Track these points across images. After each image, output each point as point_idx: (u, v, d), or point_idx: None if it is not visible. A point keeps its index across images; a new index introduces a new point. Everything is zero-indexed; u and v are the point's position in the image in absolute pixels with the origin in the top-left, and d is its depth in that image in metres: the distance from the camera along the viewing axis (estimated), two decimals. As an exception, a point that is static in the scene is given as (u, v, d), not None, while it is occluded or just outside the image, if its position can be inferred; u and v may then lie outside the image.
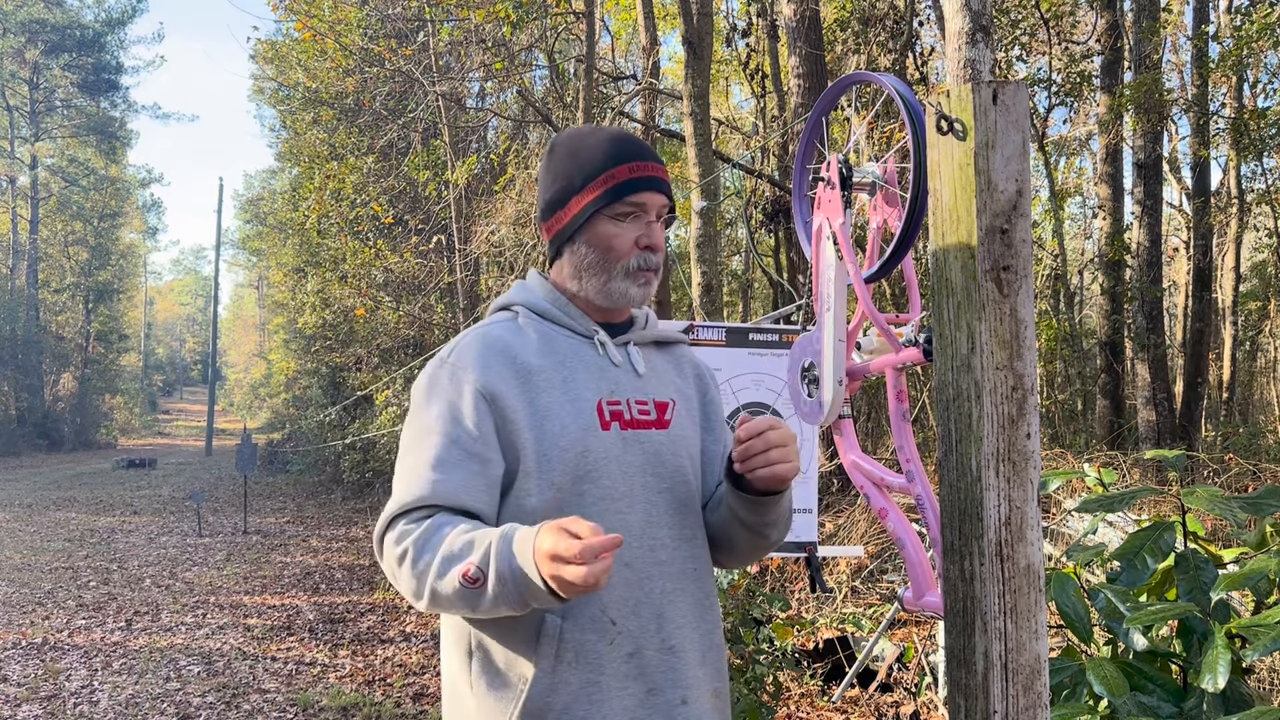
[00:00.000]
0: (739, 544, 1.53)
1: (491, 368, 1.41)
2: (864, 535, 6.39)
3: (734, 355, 2.92)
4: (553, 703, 1.34)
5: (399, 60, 10.60)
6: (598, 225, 1.48)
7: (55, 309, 33.08)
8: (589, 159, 1.49)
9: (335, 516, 13.98)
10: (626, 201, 1.47)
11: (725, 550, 1.55)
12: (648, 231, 1.48)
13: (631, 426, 1.45)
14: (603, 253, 1.48)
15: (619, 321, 1.56)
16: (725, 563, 1.60)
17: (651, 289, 1.52)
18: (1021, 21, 10.10)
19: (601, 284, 1.49)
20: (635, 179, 1.48)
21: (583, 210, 1.49)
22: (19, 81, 31.12)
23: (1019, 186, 1.25)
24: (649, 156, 1.51)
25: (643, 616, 1.39)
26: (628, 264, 1.48)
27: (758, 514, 1.45)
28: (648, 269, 1.49)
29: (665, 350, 1.61)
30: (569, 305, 1.51)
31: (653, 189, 1.49)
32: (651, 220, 1.49)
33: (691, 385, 1.60)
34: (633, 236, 1.48)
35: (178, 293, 78.90)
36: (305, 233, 15.85)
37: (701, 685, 1.44)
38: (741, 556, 1.57)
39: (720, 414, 1.65)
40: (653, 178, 1.49)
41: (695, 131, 6.16)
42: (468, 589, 1.24)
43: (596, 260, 1.49)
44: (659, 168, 1.52)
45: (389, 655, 6.27)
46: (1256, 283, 14.50)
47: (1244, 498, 1.93)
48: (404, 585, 1.32)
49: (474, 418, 1.38)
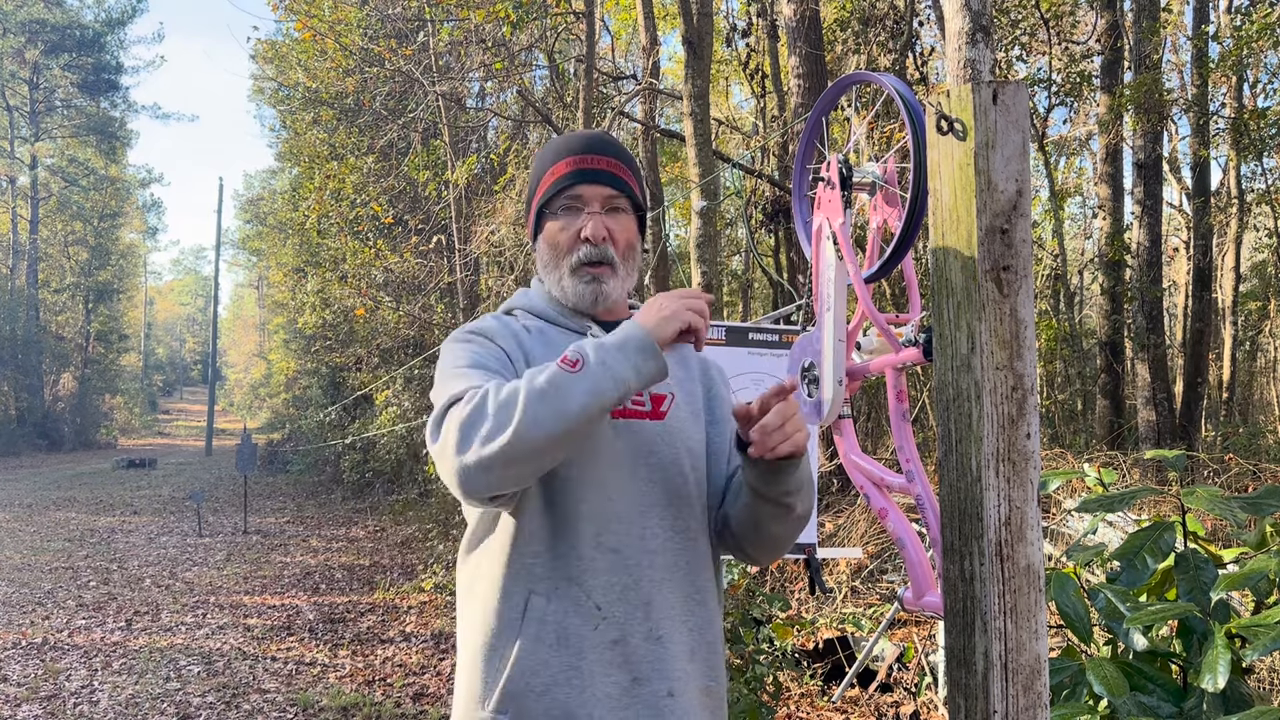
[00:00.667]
0: (764, 523, 1.47)
1: (501, 333, 1.48)
2: (864, 535, 6.38)
3: (734, 355, 2.91)
4: (533, 684, 1.34)
5: (399, 60, 10.60)
6: (545, 224, 1.52)
7: (55, 309, 33.07)
8: (543, 160, 1.54)
9: (335, 516, 13.98)
10: (564, 196, 1.49)
11: (754, 536, 1.50)
12: (590, 222, 1.48)
13: (624, 415, 1.45)
14: (549, 250, 1.51)
15: (617, 320, 1.56)
16: (760, 553, 1.54)
17: (605, 286, 1.49)
18: (1021, 21, 10.09)
19: (556, 282, 1.52)
20: (570, 172, 1.49)
21: (537, 213, 1.53)
22: (19, 81, 31.11)
23: (1019, 186, 1.25)
24: (595, 149, 1.51)
25: (629, 604, 1.38)
26: (571, 260, 1.49)
27: (778, 483, 1.41)
28: (589, 262, 1.48)
29: (669, 347, 1.61)
30: (562, 306, 1.54)
31: (589, 180, 1.49)
32: (594, 211, 1.49)
33: (697, 380, 1.59)
34: (573, 230, 1.49)
35: (178, 293, 78.91)
36: (305, 233, 15.86)
37: (690, 680, 1.41)
38: (772, 539, 1.50)
39: (727, 408, 1.63)
40: (590, 170, 1.49)
41: (695, 131, 6.16)
42: (566, 372, 1.24)
43: (548, 259, 1.52)
44: (605, 160, 1.50)
45: (389, 655, 6.27)
46: (1256, 283, 14.50)
47: (1244, 498, 1.93)
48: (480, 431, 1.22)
49: (497, 350, 1.44)
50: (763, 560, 1.57)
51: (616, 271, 1.51)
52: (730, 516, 1.51)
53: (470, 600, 1.44)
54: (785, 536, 1.51)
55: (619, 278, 1.51)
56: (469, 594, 1.45)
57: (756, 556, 1.55)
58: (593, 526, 1.38)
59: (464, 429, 1.24)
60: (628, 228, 1.53)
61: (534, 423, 1.21)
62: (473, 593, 1.44)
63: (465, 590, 1.47)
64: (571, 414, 1.22)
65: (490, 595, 1.40)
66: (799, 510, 1.47)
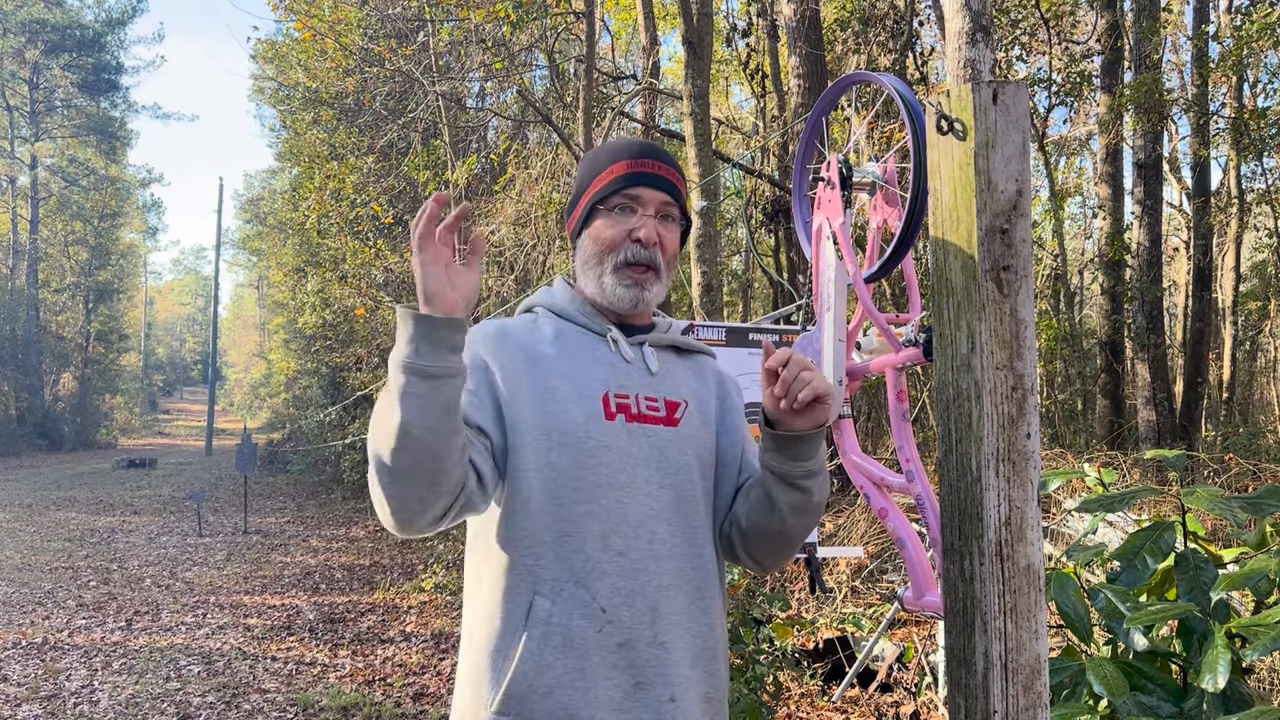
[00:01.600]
0: (780, 514, 1.44)
1: (499, 348, 1.46)
2: (864, 535, 6.38)
3: (734, 355, 2.91)
4: (537, 685, 1.33)
5: (399, 60, 10.60)
6: (595, 220, 1.51)
7: (55, 309, 33.07)
8: (597, 160, 1.54)
9: (335, 516, 13.97)
10: (622, 195, 1.49)
11: (766, 532, 1.47)
12: (641, 223, 1.48)
13: (638, 420, 1.45)
14: (595, 244, 1.50)
15: (639, 324, 1.56)
16: (767, 554, 1.51)
17: (646, 292, 1.49)
18: (1021, 21, 10.10)
19: (596, 278, 1.51)
20: (632, 174, 1.49)
21: (586, 207, 1.52)
22: (19, 81, 31.11)
23: (1019, 186, 1.25)
24: (654, 156, 1.52)
25: (636, 608, 1.38)
26: (617, 257, 1.48)
27: (801, 456, 1.40)
28: (637, 263, 1.48)
29: (686, 357, 1.60)
30: (585, 306, 1.53)
31: (651, 185, 1.49)
32: (648, 214, 1.49)
33: (711, 390, 1.59)
34: (625, 229, 1.48)
35: (178, 293, 78.93)
36: (305, 233, 15.86)
37: (691, 686, 1.41)
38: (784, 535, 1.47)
39: (742, 419, 1.62)
40: (652, 174, 1.50)
41: (695, 131, 6.16)
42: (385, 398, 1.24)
43: (592, 253, 1.51)
44: (664, 167, 1.51)
45: (389, 655, 6.27)
46: (1256, 283, 14.50)
47: (1244, 498, 1.93)
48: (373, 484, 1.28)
49: (473, 381, 1.42)
50: (768, 564, 1.54)
51: (660, 278, 1.51)
52: (742, 516, 1.49)
53: (475, 598, 1.44)
54: (798, 531, 1.48)
55: (660, 284, 1.51)
56: (474, 591, 1.45)
57: (763, 558, 1.52)
58: (601, 528, 1.38)
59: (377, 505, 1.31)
60: (675, 238, 1.54)
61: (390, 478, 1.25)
62: (476, 591, 1.44)
63: (470, 587, 1.47)
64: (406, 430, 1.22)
65: (493, 595, 1.39)
66: (816, 498, 1.46)
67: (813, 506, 1.46)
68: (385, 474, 1.25)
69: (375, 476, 1.26)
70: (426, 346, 1.22)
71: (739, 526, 1.50)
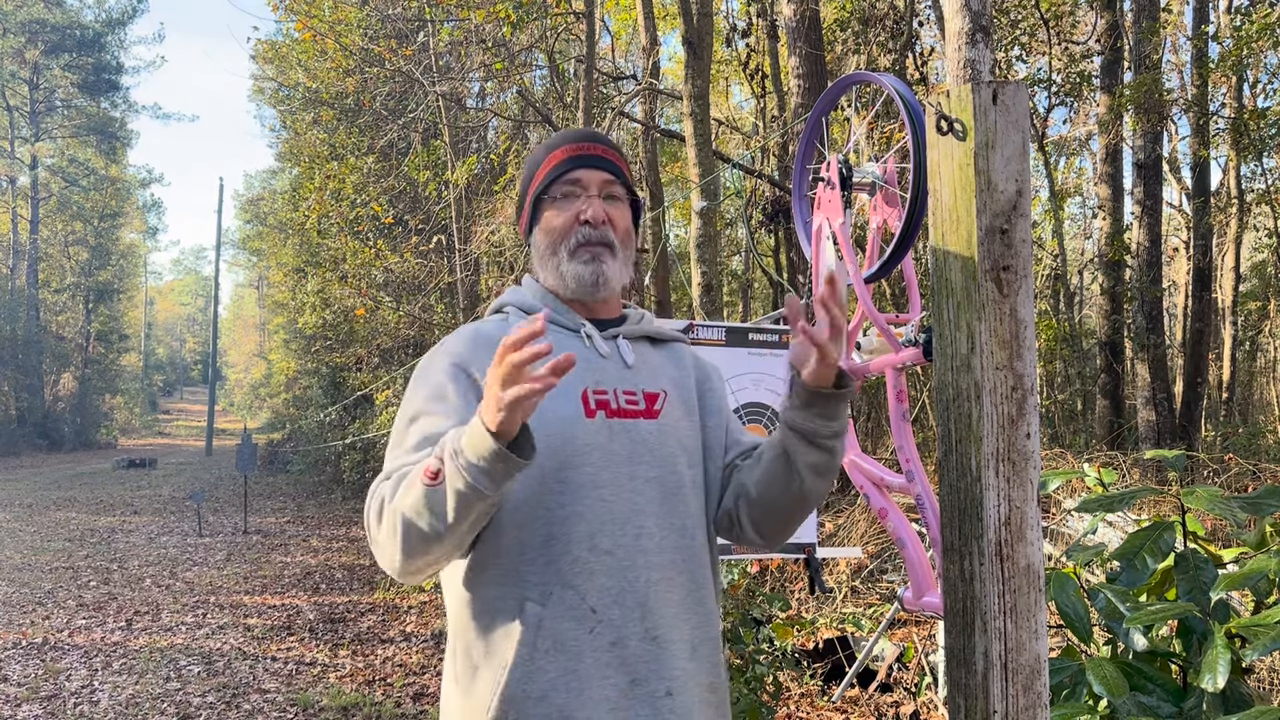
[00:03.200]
0: (799, 476, 1.41)
1: (476, 353, 1.45)
2: (864, 535, 6.38)
3: (734, 355, 2.91)
4: (530, 690, 1.33)
5: (399, 60, 10.60)
6: (543, 212, 1.52)
7: (55, 309, 33.08)
8: (536, 155, 1.56)
9: (335, 516, 13.97)
10: (563, 181, 1.50)
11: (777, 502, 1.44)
12: (587, 204, 1.48)
13: (618, 415, 1.44)
14: (547, 236, 1.51)
15: (610, 317, 1.55)
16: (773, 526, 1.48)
17: (605, 266, 1.48)
18: (1021, 21, 10.10)
19: (555, 269, 1.51)
20: (569, 158, 1.50)
21: (533, 204, 1.54)
22: (19, 81, 31.11)
23: (1019, 186, 1.25)
24: (590, 139, 1.54)
25: (625, 605, 1.37)
26: (569, 242, 1.48)
27: (830, 414, 1.37)
28: (588, 243, 1.48)
29: (661, 347, 1.60)
30: (556, 302, 1.52)
31: (590, 165, 1.50)
32: (592, 195, 1.50)
33: (690, 376, 1.58)
34: (572, 214, 1.49)
35: (178, 293, 78.91)
36: (305, 233, 15.85)
37: (691, 678, 1.41)
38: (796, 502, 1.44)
39: (723, 401, 1.61)
40: (589, 154, 1.51)
41: (695, 131, 6.16)
42: (429, 487, 1.22)
43: (546, 246, 1.51)
44: (600, 148, 1.53)
45: (389, 655, 6.27)
46: (1256, 283, 14.50)
47: (1244, 498, 1.93)
48: (381, 542, 1.30)
49: (459, 397, 1.40)
50: (774, 536, 1.50)
51: (616, 255, 1.50)
52: (751, 485, 1.46)
53: (460, 604, 1.42)
54: (814, 495, 1.44)
55: (619, 261, 1.50)
56: (459, 597, 1.43)
57: (770, 529, 1.49)
58: (587, 529, 1.37)
59: (374, 542, 1.33)
60: (625, 215, 1.54)
61: (412, 549, 1.27)
62: (462, 597, 1.42)
63: (454, 593, 1.44)
64: (440, 529, 1.24)
65: (481, 601, 1.38)
66: (838, 459, 1.42)
67: (833, 468, 1.43)
68: (410, 547, 1.28)
69: (399, 541, 1.27)
70: (501, 481, 1.21)
71: (747, 496, 1.47)
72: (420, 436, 1.38)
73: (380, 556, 1.34)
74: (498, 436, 1.16)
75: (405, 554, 1.28)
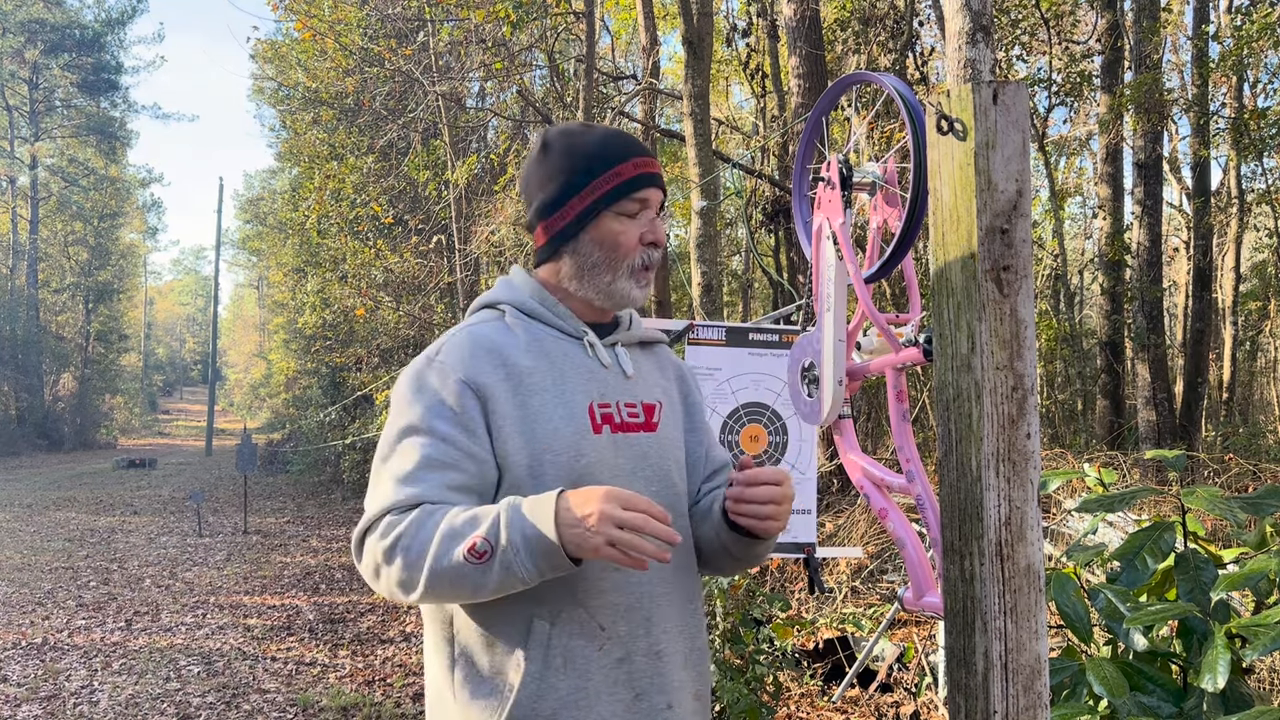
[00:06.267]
0: (724, 567, 1.56)
1: (482, 367, 1.38)
2: (864, 535, 6.38)
3: (734, 355, 2.91)
4: (540, 709, 1.32)
5: (399, 60, 10.60)
6: (604, 223, 1.45)
7: (55, 309, 33.08)
8: (591, 157, 1.46)
9: (335, 516, 13.97)
10: (633, 198, 1.46)
11: (711, 566, 1.58)
12: (651, 227, 1.48)
13: (622, 429, 1.44)
14: (609, 251, 1.45)
15: (605, 322, 1.54)
16: (713, 571, 1.62)
17: (650, 289, 1.52)
18: (1021, 21, 10.10)
19: (606, 284, 1.46)
20: (641, 175, 1.47)
21: (588, 209, 1.45)
22: (19, 81, 31.11)
23: (1019, 186, 1.25)
24: (648, 152, 1.53)
25: (632, 622, 1.38)
26: (633, 261, 1.47)
27: (746, 552, 1.49)
28: (649, 266, 1.49)
29: (649, 350, 1.60)
30: (558, 305, 1.48)
31: (654, 185, 1.49)
32: (654, 216, 1.49)
33: (674, 386, 1.59)
34: (638, 233, 1.47)
35: (178, 293, 78.88)
36: (305, 233, 15.85)
37: (684, 689, 1.43)
38: (725, 573, 1.62)
39: (702, 413, 1.65)
40: (654, 174, 1.50)
41: (695, 131, 6.16)
42: (473, 565, 1.22)
43: (603, 259, 1.46)
44: (656, 163, 1.53)
45: (389, 655, 6.27)
46: (1256, 283, 14.50)
47: (1244, 498, 1.93)
48: (392, 578, 1.27)
49: (465, 417, 1.35)
50: (709, 574, 1.66)
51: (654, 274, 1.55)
52: (697, 533, 1.54)
53: (459, 614, 1.38)
54: (745, 568, 1.62)
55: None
56: (457, 612, 1.39)
57: (710, 572, 1.62)
58: None
59: (377, 564, 1.30)
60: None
61: (436, 594, 1.28)
62: (461, 613, 1.38)
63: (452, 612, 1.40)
64: (472, 597, 1.29)
65: (485, 617, 1.36)
66: (758, 564, 1.59)
67: (761, 560, 1.57)
68: (428, 599, 1.29)
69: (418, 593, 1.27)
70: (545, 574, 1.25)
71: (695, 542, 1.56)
72: (422, 456, 1.32)
73: (379, 588, 1.32)
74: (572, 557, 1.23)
75: (418, 600, 1.29)
